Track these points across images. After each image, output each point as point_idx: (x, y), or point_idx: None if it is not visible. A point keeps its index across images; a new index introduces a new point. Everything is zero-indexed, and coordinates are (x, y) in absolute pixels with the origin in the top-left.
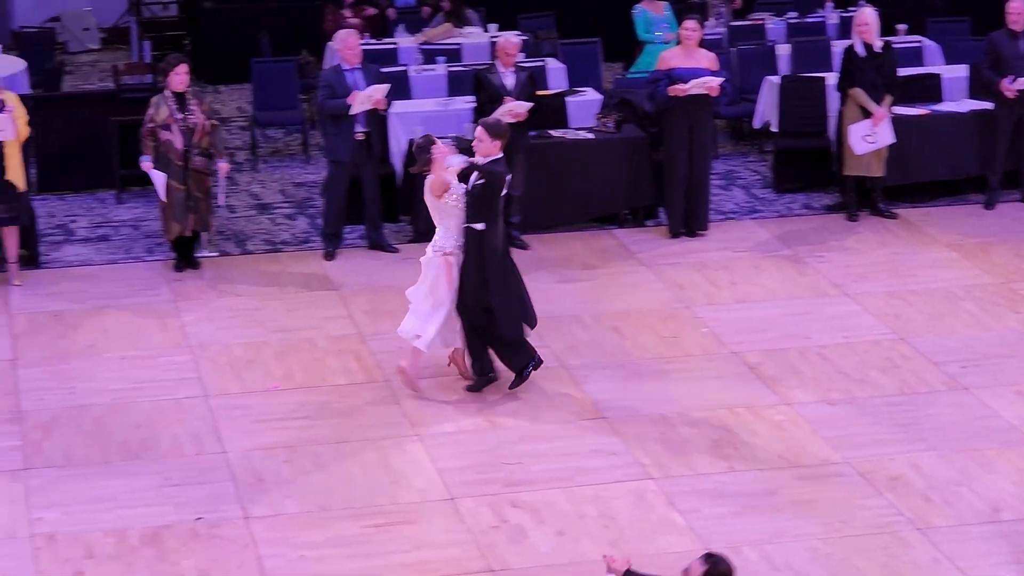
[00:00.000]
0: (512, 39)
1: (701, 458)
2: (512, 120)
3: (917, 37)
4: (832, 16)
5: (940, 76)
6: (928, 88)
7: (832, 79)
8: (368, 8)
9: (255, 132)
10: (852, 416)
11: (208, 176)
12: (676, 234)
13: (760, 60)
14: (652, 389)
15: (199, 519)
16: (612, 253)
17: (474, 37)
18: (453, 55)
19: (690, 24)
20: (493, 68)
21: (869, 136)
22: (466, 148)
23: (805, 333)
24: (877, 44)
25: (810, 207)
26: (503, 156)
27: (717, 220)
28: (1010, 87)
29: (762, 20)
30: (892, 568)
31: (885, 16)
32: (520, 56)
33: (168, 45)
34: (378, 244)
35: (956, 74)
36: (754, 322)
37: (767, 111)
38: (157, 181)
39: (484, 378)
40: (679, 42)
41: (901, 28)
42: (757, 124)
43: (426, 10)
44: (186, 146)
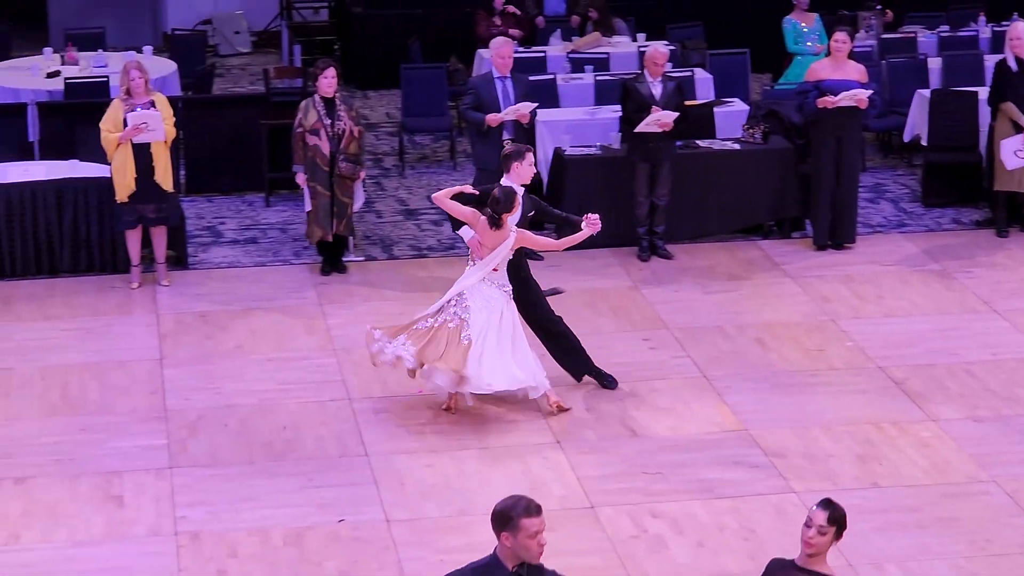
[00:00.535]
0: (660, 49)
1: (844, 473)
2: (659, 130)
3: None
4: (984, 30)
5: None
6: None
7: (984, 93)
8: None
9: (403, 138)
10: (999, 434)
11: (354, 182)
12: (822, 246)
13: (911, 73)
14: (795, 402)
15: (341, 521)
16: (757, 264)
17: (622, 46)
18: (601, 64)
19: (840, 36)
20: (641, 77)
21: (1021, 151)
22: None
23: (952, 349)
24: None
25: (959, 222)
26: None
27: (864, 233)
28: None
29: (913, 33)
30: None
31: None
32: (668, 66)
33: (318, 49)
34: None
35: None
36: (900, 337)
37: (917, 124)
38: (307, 192)
39: (601, 376)
40: (828, 54)
41: None
42: (907, 137)
43: (575, 19)
44: (333, 152)
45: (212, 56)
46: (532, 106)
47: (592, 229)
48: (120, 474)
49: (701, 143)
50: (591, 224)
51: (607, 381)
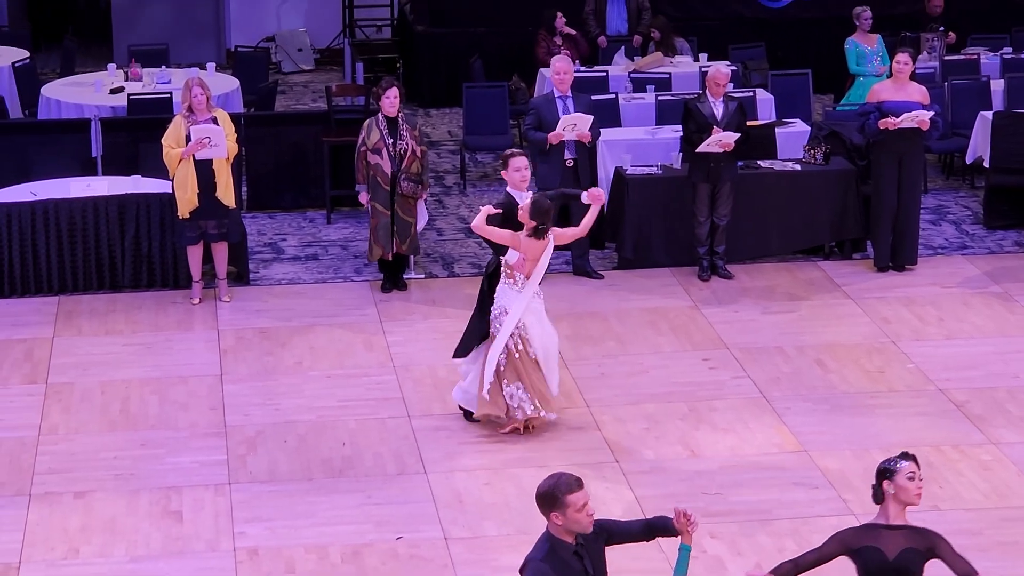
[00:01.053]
0: (722, 69)
1: None
2: (720, 150)
3: None
4: None
5: None
6: None
7: None
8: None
9: (464, 156)
10: None
11: (416, 201)
12: (883, 268)
13: (973, 95)
14: (855, 423)
15: (399, 538)
16: (817, 285)
17: (684, 66)
18: (663, 84)
19: (902, 57)
20: (702, 97)
21: None
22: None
23: (1014, 372)
24: None
25: (1021, 244)
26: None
27: (926, 255)
28: None
29: (976, 55)
30: None
31: None
32: (730, 86)
33: (381, 67)
34: (583, 270)
35: None
36: (961, 359)
37: (979, 146)
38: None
39: None
40: (891, 75)
41: None
42: (969, 159)
43: (637, 39)
44: (394, 171)
45: (275, 73)
46: (589, 119)
47: (597, 203)
48: (179, 489)
49: (762, 163)
50: (595, 199)
51: None
